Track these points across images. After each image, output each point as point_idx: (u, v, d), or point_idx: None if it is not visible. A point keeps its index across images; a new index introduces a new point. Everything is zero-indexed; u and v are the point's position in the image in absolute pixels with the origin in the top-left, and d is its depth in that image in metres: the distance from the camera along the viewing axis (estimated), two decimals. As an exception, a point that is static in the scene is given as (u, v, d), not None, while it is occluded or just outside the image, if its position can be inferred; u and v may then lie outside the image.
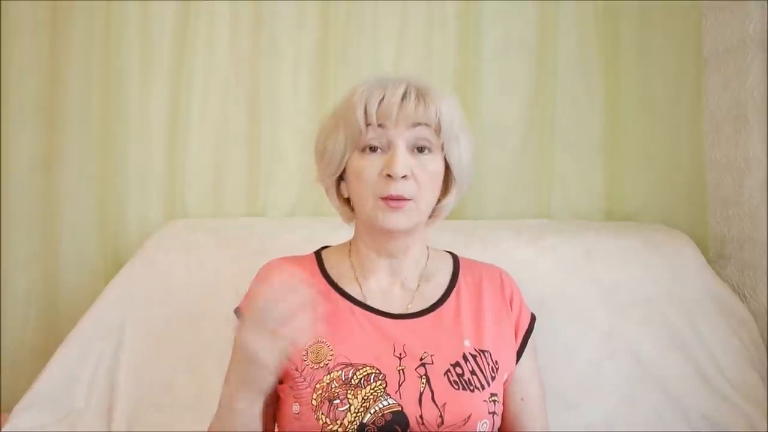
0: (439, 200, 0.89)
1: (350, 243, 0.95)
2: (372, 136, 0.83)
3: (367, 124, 0.82)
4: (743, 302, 1.23)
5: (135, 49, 1.42)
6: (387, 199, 0.82)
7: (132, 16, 1.41)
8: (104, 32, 1.41)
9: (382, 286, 0.90)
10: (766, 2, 1.20)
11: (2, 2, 1.40)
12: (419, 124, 0.82)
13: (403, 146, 0.82)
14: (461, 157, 0.88)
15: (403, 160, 0.81)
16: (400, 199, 0.81)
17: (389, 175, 0.81)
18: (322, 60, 1.44)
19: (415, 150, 0.84)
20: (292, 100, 1.44)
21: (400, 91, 0.82)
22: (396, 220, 0.83)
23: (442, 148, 0.85)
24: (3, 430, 1.03)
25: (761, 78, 1.21)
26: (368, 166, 0.83)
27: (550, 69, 1.44)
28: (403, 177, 0.81)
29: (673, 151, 1.42)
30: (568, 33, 1.45)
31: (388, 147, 0.83)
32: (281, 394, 0.83)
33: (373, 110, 0.82)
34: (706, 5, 1.37)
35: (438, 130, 0.84)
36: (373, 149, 0.83)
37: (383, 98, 0.82)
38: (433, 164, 0.85)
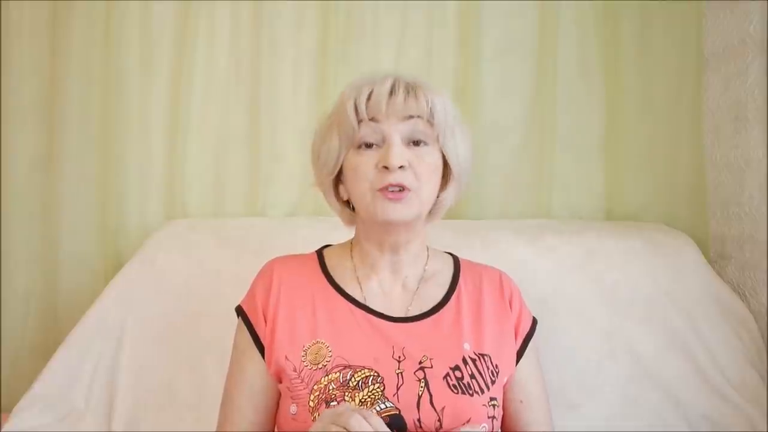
0: (437, 195, 0.88)
1: (351, 242, 0.95)
2: (366, 132, 0.82)
3: (359, 120, 0.82)
4: (743, 302, 1.23)
5: (135, 49, 1.42)
6: (385, 189, 0.81)
7: (132, 16, 1.41)
8: (104, 32, 1.41)
9: (383, 287, 0.89)
10: (766, 2, 1.20)
11: (2, 2, 1.40)
12: (412, 116, 0.82)
13: (398, 138, 0.82)
14: (458, 149, 0.87)
15: (399, 151, 0.81)
16: (399, 186, 0.80)
17: (386, 167, 0.80)
18: (322, 60, 1.44)
19: (411, 144, 0.83)
20: (292, 100, 1.44)
21: (388, 84, 0.82)
22: (396, 210, 0.81)
23: (438, 140, 0.85)
24: (3, 430, 1.03)
25: (761, 78, 1.21)
26: (364, 162, 0.82)
27: (550, 69, 1.44)
28: (401, 168, 0.80)
29: (673, 151, 1.42)
30: (568, 33, 1.45)
31: (383, 141, 0.82)
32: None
33: (362, 105, 0.81)
34: (706, 5, 1.37)
35: (432, 122, 0.83)
36: (368, 146, 0.83)
37: (372, 92, 0.82)
38: (431, 156, 0.84)
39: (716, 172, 1.35)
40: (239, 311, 0.91)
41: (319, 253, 0.96)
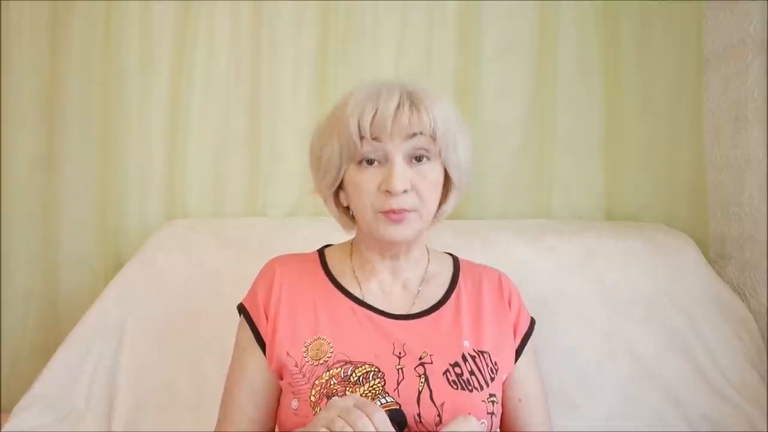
0: (439, 205, 0.88)
1: (351, 243, 0.95)
2: (368, 149, 0.81)
3: (362, 138, 0.80)
4: (743, 302, 1.23)
5: (135, 49, 1.42)
6: (387, 212, 0.81)
7: (132, 16, 1.41)
8: (104, 32, 1.41)
9: (383, 288, 0.90)
10: (766, 2, 1.20)
11: (2, 2, 1.40)
12: (415, 134, 0.81)
13: (401, 159, 0.81)
14: (459, 158, 0.86)
15: (402, 175, 0.80)
16: (401, 212, 0.80)
17: (388, 191, 0.80)
18: (322, 60, 1.44)
19: (413, 160, 0.82)
20: (292, 100, 1.44)
21: (394, 102, 0.80)
22: (398, 231, 0.82)
23: (440, 154, 0.84)
24: (3, 430, 1.03)
25: (761, 78, 1.21)
26: (366, 180, 0.81)
27: (550, 69, 1.44)
28: (403, 191, 0.80)
29: (673, 151, 1.42)
30: (568, 33, 1.45)
31: (386, 159, 0.81)
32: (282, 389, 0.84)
33: (366, 124, 0.79)
34: (706, 5, 1.37)
35: (434, 138, 0.82)
36: (370, 162, 0.82)
37: (376, 111, 0.80)
38: (433, 173, 0.83)
39: (716, 172, 1.35)
40: (241, 309, 0.91)
41: (320, 252, 0.96)
